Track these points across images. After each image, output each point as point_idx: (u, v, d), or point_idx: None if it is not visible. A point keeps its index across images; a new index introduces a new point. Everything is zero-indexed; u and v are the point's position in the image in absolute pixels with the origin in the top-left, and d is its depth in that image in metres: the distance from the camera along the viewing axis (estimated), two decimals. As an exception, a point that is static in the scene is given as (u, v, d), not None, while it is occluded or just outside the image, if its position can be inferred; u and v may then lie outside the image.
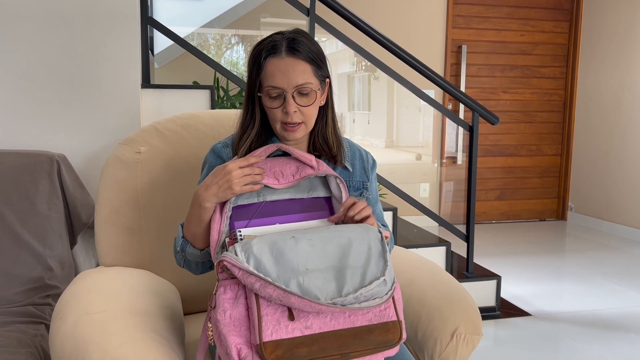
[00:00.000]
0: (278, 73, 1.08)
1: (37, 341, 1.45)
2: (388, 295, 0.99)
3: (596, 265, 3.74)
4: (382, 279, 0.98)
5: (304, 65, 1.09)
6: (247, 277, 0.92)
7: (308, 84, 1.09)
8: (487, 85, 4.90)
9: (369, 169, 1.28)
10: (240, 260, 0.93)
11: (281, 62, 1.08)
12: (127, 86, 2.06)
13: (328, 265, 0.97)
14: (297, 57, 1.09)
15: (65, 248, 1.79)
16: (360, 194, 1.25)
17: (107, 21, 2.01)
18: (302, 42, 1.10)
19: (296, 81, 1.08)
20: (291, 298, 0.91)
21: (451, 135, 4.84)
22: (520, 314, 2.85)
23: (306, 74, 1.09)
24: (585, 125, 4.99)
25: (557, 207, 5.26)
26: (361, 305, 0.95)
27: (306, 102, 1.11)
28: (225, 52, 4.42)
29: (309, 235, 0.99)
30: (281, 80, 1.08)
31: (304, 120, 1.12)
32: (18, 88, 1.96)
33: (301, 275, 0.94)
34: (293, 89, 1.09)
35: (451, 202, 4.93)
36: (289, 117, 1.10)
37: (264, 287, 0.92)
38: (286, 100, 1.09)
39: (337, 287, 0.95)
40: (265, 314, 0.93)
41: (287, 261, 0.94)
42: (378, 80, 4.64)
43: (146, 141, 1.46)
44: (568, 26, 5.03)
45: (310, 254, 0.96)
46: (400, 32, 4.54)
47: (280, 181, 1.07)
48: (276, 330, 0.92)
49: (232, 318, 0.94)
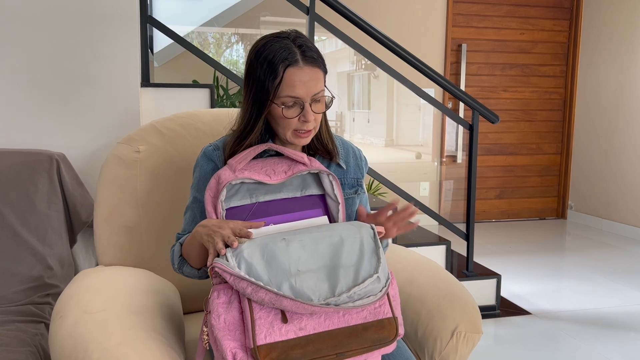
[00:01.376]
0: (299, 84, 1.06)
1: (37, 340, 1.45)
2: (382, 292, 0.99)
3: (596, 264, 3.74)
4: (375, 277, 0.98)
5: (319, 73, 1.09)
6: (238, 282, 0.92)
7: (322, 91, 1.10)
8: (487, 83, 4.89)
9: (362, 166, 1.28)
10: (231, 265, 0.92)
11: (302, 73, 1.06)
12: (127, 85, 2.06)
13: (320, 265, 0.97)
14: (314, 65, 1.08)
15: (64, 247, 1.79)
16: (355, 192, 1.25)
17: (106, 20, 2.01)
18: (312, 48, 1.09)
19: (314, 90, 1.08)
20: (283, 301, 0.91)
21: (451, 133, 4.84)
22: (520, 313, 2.85)
23: (321, 82, 1.10)
24: (585, 124, 4.99)
25: (557, 205, 5.26)
26: (355, 304, 0.95)
27: (320, 109, 1.11)
28: (225, 51, 4.42)
29: (300, 236, 0.98)
30: (301, 91, 1.06)
31: (316, 125, 1.13)
32: (17, 87, 1.95)
33: (293, 277, 0.93)
34: (310, 99, 1.08)
35: (451, 200, 4.93)
36: (306, 126, 1.09)
37: (255, 292, 0.91)
38: (305, 110, 1.08)
39: (330, 287, 0.95)
40: (259, 317, 0.92)
41: (278, 263, 0.94)
42: (378, 79, 4.64)
43: (145, 140, 1.46)
44: (568, 24, 5.03)
45: (302, 255, 0.96)
46: (400, 31, 4.54)
47: (272, 178, 1.07)
48: (270, 333, 0.92)
49: (226, 322, 0.94)
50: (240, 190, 1.07)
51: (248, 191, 1.07)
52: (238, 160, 1.08)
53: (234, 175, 1.05)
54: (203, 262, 1.09)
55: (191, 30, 4.22)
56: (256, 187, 1.08)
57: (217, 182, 1.05)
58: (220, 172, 1.06)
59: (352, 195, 1.24)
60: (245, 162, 1.08)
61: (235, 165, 1.07)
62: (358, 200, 1.26)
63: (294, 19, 4.22)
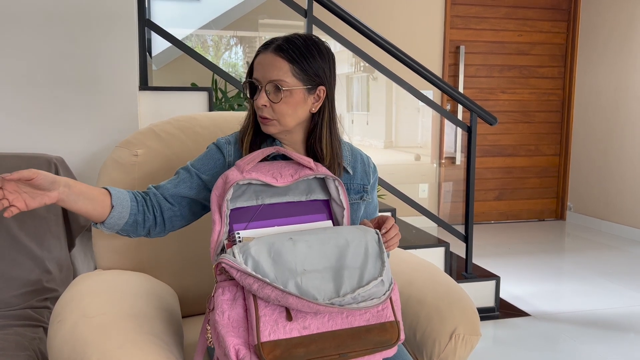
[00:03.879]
0: (258, 66, 1.13)
1: (36, 344, 1.45)
2: (385, 296, 1.00)
3: (595, 265, 3.74)
4: (379, 279, 0.99)
5: (282, 62, 1.11)
6: (245, 278, 0.93)
7: (281, 81, 1.10)
8: (485, 85, 4.90)
9: (370, 172, 1.28)
10: (238, 261, 0.93)
11: (263, 57, 1.12)
12: (125, 88, 2.06)
13: (326, 265, 0.97)
14: (278, 54, 1.11)
15: (63, 251, 1.78)
16: (361, 197, 1.25)
17: (104, 23, 2.01)
18: (295, 44, 1.11)
19: (270, 75, 1.11)
20: (289, 298, 0.92)
21: (450, 135, 4.84)
22: (520, 314, 2.85)
23: (282, 71, 1.10)
24: (584, 125, 5.00)
25: (556, 207, 5.26)
26: (359, 306, 0.96)
27: (275, 98, 1.12)
28: (223, 54, 4.42)
29: (306, 237, 1.00)
30: (257, 73, 1.12)
31: (276, 117, 1.13)
32: (15, 90, 1.95)
33: (299, 276, 0.94)
34: (267, 82, 1.11)
35: (450, 202, 4.93)
36: (260, 111, 1.13)
37: (262, 288, 0.92)
38: (258, 92, 1.12)
39: (335, 288, 0.96)
40: (263, 314, 0.93)
41: (284, 262, 0.95)
42: (376, 80, 4.64)
43: (143, 143, 1.46)
44: (566, 26, 5.04)
45: (308, 255, 0.97)
46: (398, 33, 4.55)
47: (279, 180, 1.08)
48: (274, 330, 0.92)
49: (230, 319, 0.94)
50: (247, 191, 1.08)
51: (254, 193, 1.08)
52: (246, 162, 1.09)
53: (242, 175, 1.06)
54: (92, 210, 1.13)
55: (190, 33, 4.23)
56: (262, 190, 1.09)
57: (224, 181, 1.06)
58: (228, 173, 1.08)
59: (358, 200, 1.25)
60: (253, 164, 1.10)
61: (243, 166, 1.08)
62: (363, 206, 1.26)
63: (292, 21, 4.23)
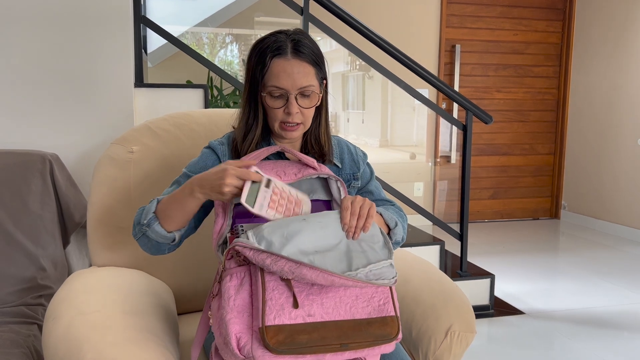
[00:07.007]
0: (283, 74, 1.10)
1: (30, 341, 1.45)
2: (394, 280, 1.01)
3: (589, 264, 3.76)
4: (389, 262, 1.01)
5: (308, 67, 1.11)
6: (258, 255, 0.94)
7: (310, 86, 1.12)
8: (480, 84, 4.91)
9: (358, 160, 1.30)
10: (251, 242, 0.95)
11: (287, 64, 1.10)
12: (120, 85, 2.05)
13: (338, 246, 0.99)
14: (302, 59, 1.11)
15: (58, 248, 1.78)
16: (349, 185, 1.27)
17: (100, 20, 2.00)
18: (306, 44, 1.12)
19: (300, 83, 1.10)
20: (303, 269, 0.93)
21: (445, 134, 4.85)
22: (514, 313, 2.86)
23: (309, 76, 1.11)
24: (578, 124, 5.02)
25: (551, 205, 5.28)
26: (371, 281, 0.97)
27: (308, 103, 1.13)
28: (219, 51, 4.41)
29: (319, 218, 1.02)
30: (286, 82, 1.10)
31: (303, 121, 1.15)
32: (10, 87, 1.94)
33: (312, 254, 0.96)
34: (296, 91, 1.11)
35: (445, 201, 4.94)
36: (291, 118, 1.12)
37: (275, 262, 0.93)
38: (289, 102, 1.11)
39: (347, 265, 0.97)
40: (270, 298, 0.94)
41: (297, 243, 0.96)
42: (372, 79, 4.64)
43: (139, 140, 1.45)
44: (561, 25, 5.06)
45: (320, 237, 0.99)
46: (394, 32, 4.55)
47: (282, 178, 1.09)
48: (279, 315, 0.93)
49: (235, 304, 0.95)
50: None
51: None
52: (251, 158, 1.10)
53: None
54: (182, 222, 1.09)
55: (185, 30, 4.22)
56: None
57: None
58: None
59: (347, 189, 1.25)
60: (258, 160, 1.10)
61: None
62: (354, 193, 1.29)
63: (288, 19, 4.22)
